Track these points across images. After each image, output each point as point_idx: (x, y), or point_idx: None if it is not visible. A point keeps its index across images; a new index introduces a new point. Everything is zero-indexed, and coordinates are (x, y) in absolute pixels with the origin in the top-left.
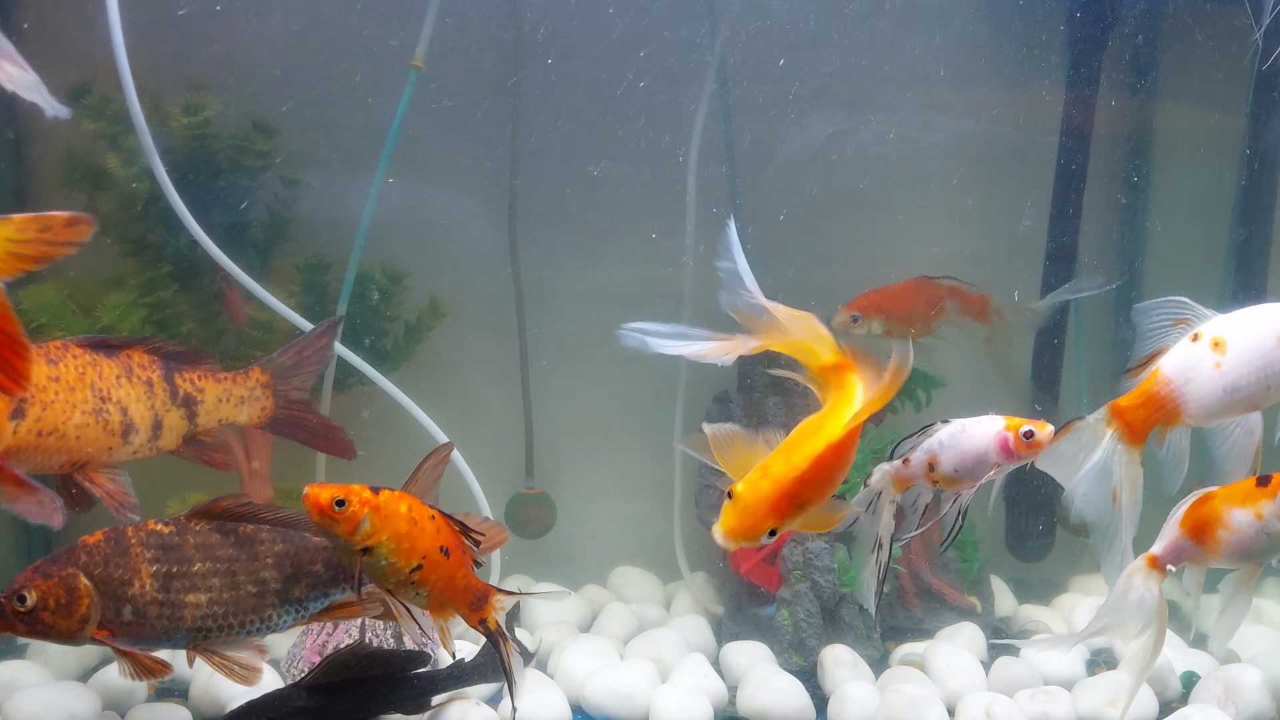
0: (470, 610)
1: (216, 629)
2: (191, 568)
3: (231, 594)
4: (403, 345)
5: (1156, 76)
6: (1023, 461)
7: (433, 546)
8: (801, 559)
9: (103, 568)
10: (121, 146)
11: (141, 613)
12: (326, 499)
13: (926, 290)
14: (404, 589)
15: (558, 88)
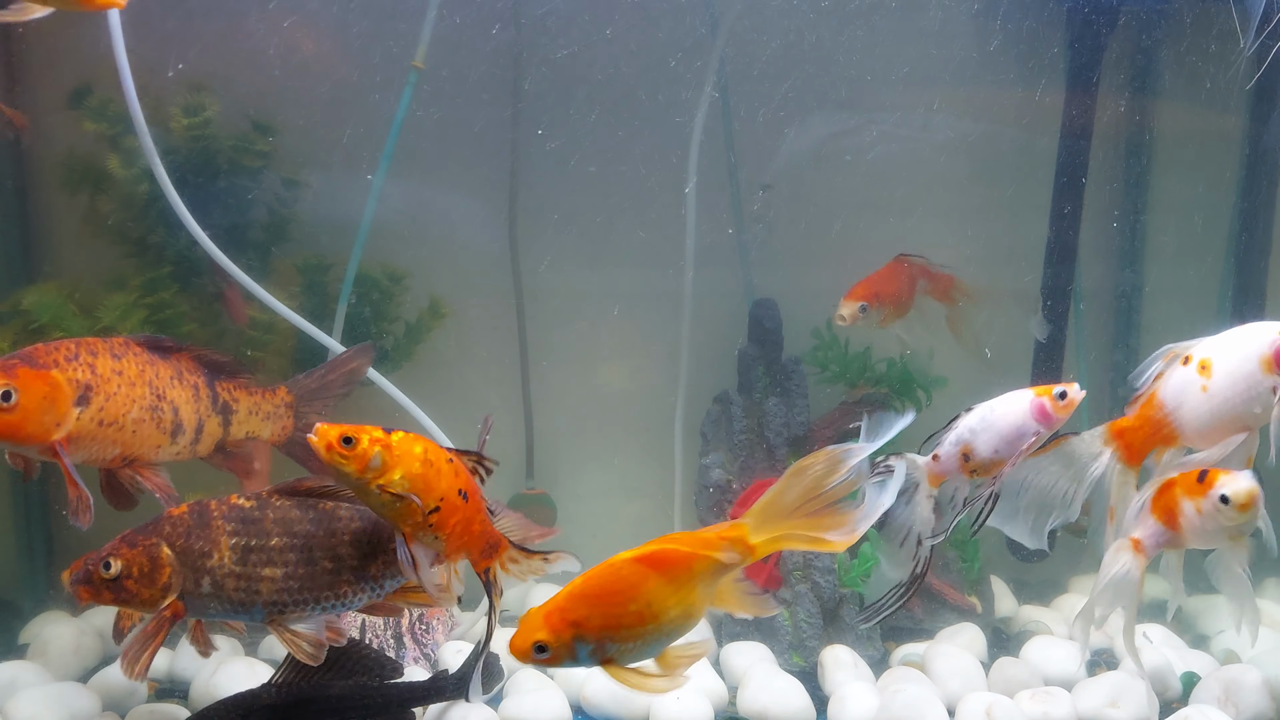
0: (481, 558)
1: (291, 603)
2: (269, 541)
3: (307, 569)
4: (403, 345)
5: (1156, 77)
6: (1059, 425)
7: (451, 489)
8: (801, 560)
9: (185, 539)
10: (121, 147)
11: (219, 584)
12: (335, 436)
13: (908, 270)
14: (421, 532)
15: (558, 88)
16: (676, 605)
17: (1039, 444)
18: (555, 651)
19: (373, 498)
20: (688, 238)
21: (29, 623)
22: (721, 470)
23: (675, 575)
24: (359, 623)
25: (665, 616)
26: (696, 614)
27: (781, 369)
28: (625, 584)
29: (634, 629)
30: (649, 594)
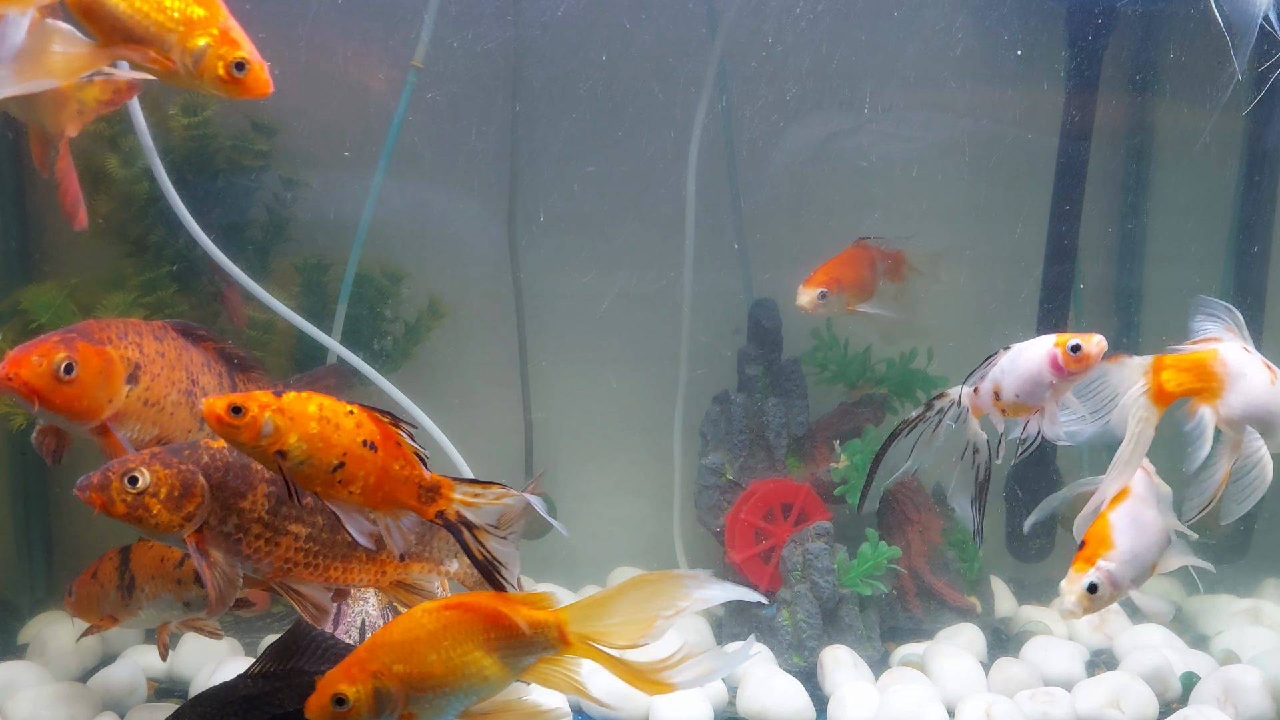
0: (422, 504)
1: (304, 565)
2: (303, 498)
3: (330, 535)
4: (402, 345)
5: (1156, 76)
6: (1074, 378)
7: (353, 442)
8: (801, 560)
9: (223, 474)
10: (121, 147)
11: (245, 528)
12: (223, 407)
13: (867, 254)
14: (334, 490)
15: (558, 88)
16: (475, 663)
17: (1060, 393)
18: (355, 704)
19: (273, 464)
20: (687, 238)
21: (28, 623)
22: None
23: (474, 632)
24: (359, 623)
25: (464, 671)
26: (496, 680)
27: (781, 369)
28: (425, 632)
29: (435, 679)
30: (449, 645)
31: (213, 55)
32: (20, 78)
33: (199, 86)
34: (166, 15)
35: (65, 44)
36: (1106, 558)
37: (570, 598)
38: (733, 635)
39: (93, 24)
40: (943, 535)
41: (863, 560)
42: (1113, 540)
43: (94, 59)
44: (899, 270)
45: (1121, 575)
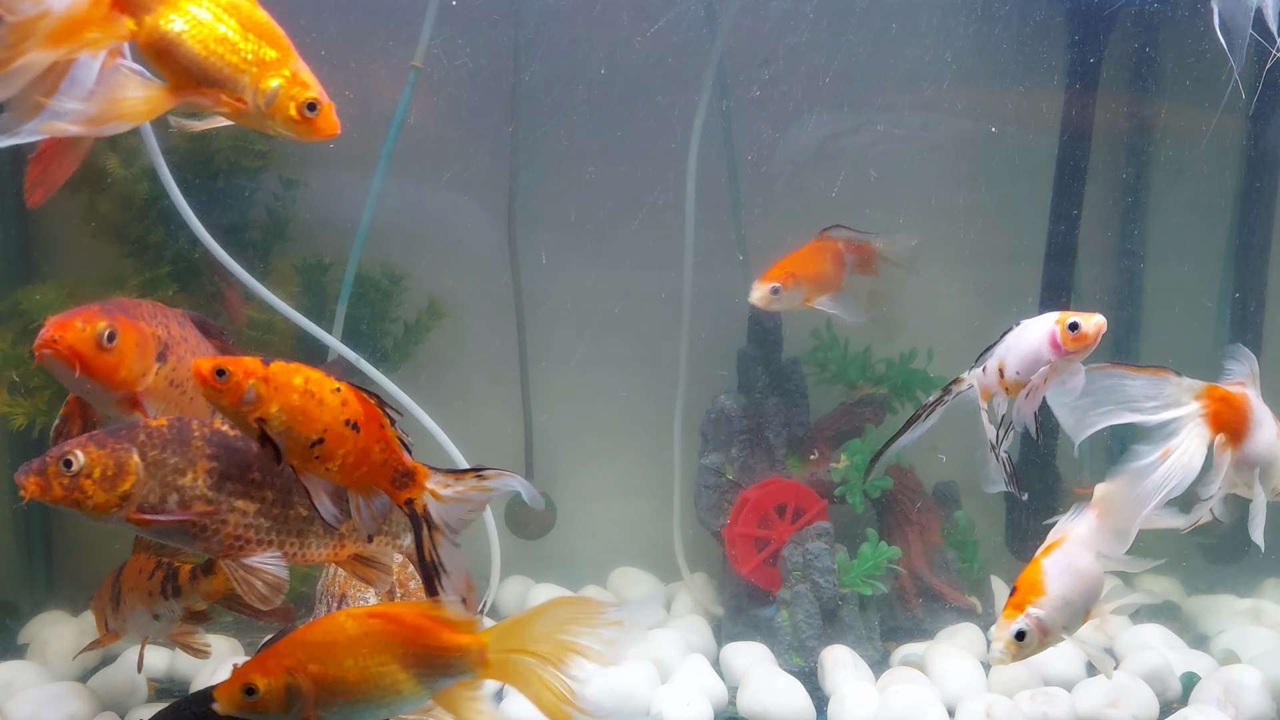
0: (395, 488)
1: (255, 542)
2: (249, 474)
3: (281, 511)
4: (402, 345)
5: (1156, 76)
6: (1072, 357)
7: (335, 420)
8: (801, 560)
9: (159, 451)
10: (121, 147)
11: (186, 506)
12: (209, 369)
13: (831, 247)
14: (310, 464)
15: (558, 88)
16: (390, 676)
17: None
18: (264, 697)
19: (253, 431)
20: (687, 238)
21: (28, 623)
22: (721, 470)
23: (394, 645)
24: None
25: (378, 683)
26: (409, 696)
27: (781, 369)
28: (346, 638)
29: (348, 685)
30: (367, 654)
31: (285, 96)
32: (94, 121)
33: (268, 127)
34: (240, 57)
35: (138, 87)
36: (1037, 604)
37: None
38: (732, 635)
39: (165, 67)
40: (943, 535)
41: (863, 560)
42: (1044, 587)
43: (166, 101)
44: (870, 264)
45: (1051, 622)
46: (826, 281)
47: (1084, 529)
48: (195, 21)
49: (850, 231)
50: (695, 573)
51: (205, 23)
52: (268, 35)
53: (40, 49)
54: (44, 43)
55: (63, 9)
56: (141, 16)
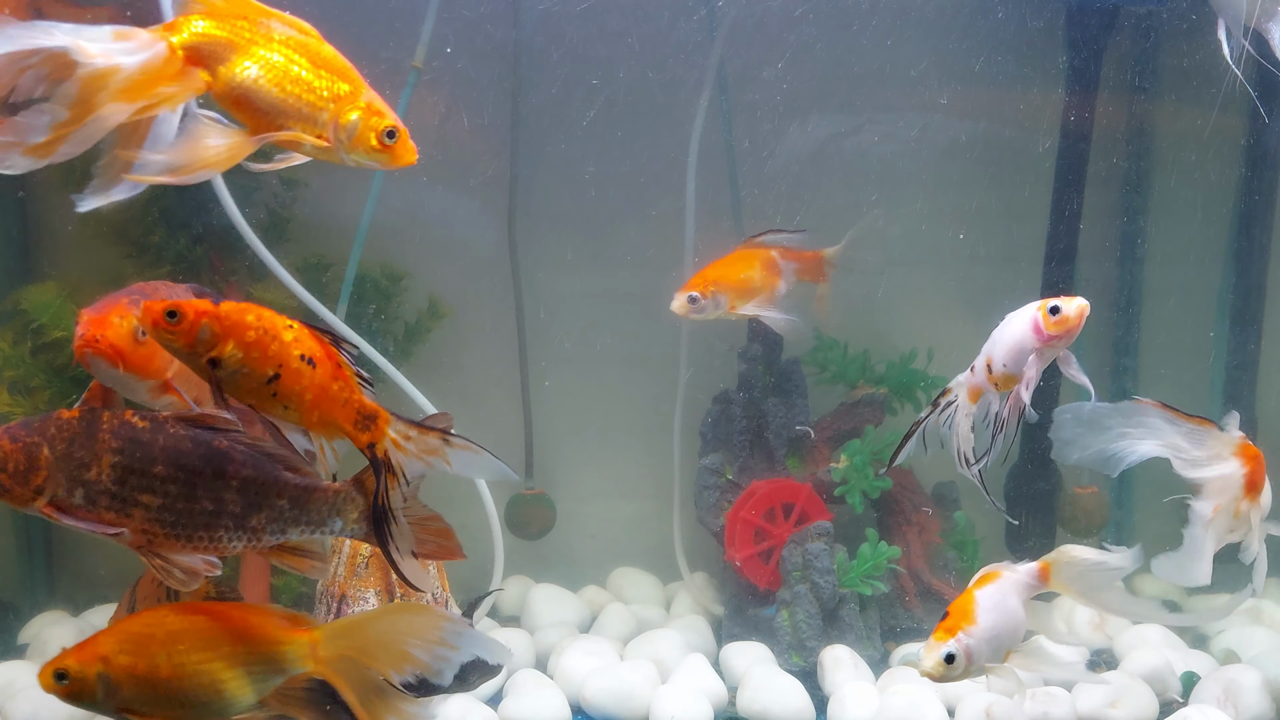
0: (357, 430)
1: (162, 535)
2: (153, 468)
3: (186, 505)
4: (402, 345)
5: (1156, 76)
6: (1056, 344)
7: (290, 355)
8: (801, 560)
9: (67, 445)
10: None
11: (92, 500)
12: (159, 311)
13: (761, 255)
14: (268, 404)
15: (558, 88)
16: (211, 674)
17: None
18: (74, 682)
19: (205, 373)
20: (687, 238)
21: (28, 623)
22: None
23: (218, 642)
24: None
25: (197, 680)
26: (236, 695)
27: (781, 369)
28: (164, 632)
29: (162, 681)
30: (185, 650)
31: (365, 127)
32: (179, 172)
33: (349, 160)
34: (317, 94)
35: (219, 135)
36: (967, 631)
37: (570, 598)
38: (732, 635)
39: (243, 113)
40: (942, 535)
41: (863, 560)
42: (975, 617)
43: (247, 146)
44: (819, 270)
45: (978, 651)
46: (750, 289)
47: (1023, 575)
48: (269, 65)
49: (783, 236)
50: (695, 573)
51: (279, 65)
52: (338, 70)
53: (113, 104)
54: (116, 98)
55: (134, 65)
56: (215, 68)
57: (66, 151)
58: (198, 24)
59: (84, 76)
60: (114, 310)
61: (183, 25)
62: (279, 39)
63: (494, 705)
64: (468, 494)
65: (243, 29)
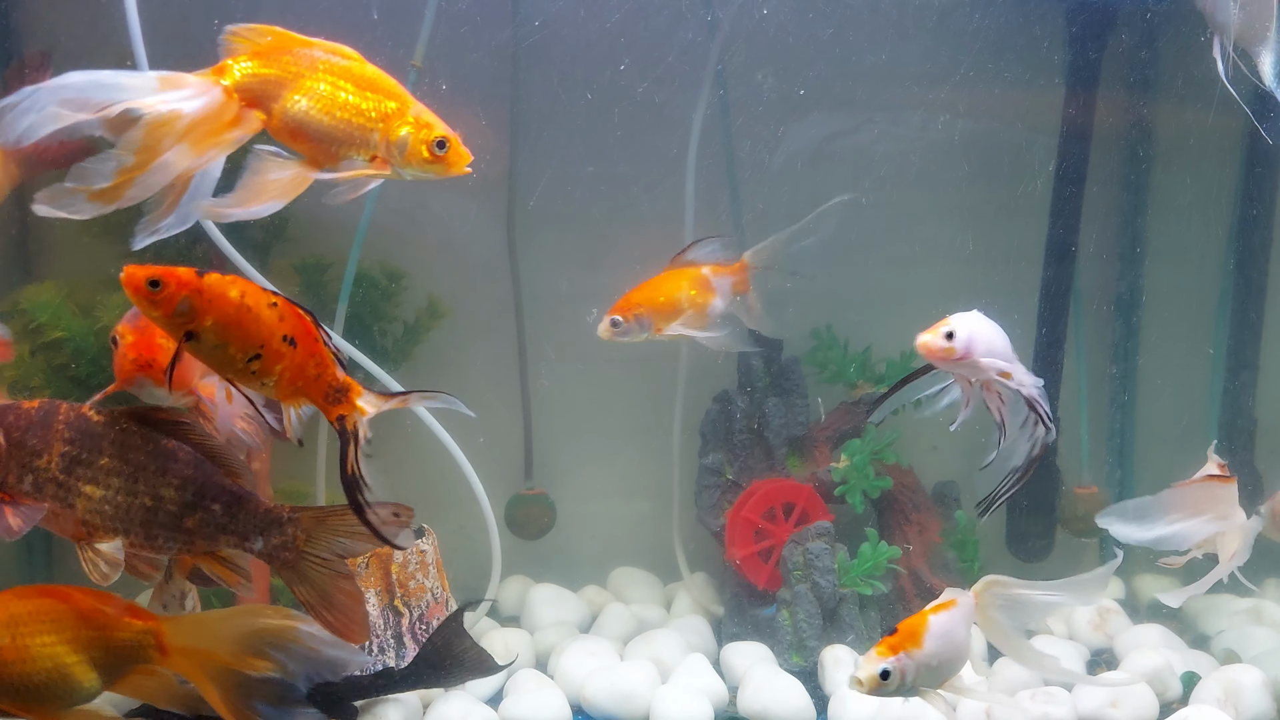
0: (327, 404)
1: (100, 528)
2: (99, 460)
3: (126, 499)
4: (401, 345)
5: (1157, 76)
6: (941, 364)
7: (272, 335)
8: (802, 559)
9: (22, 433)
10: None
11: (40, 488)
12: (141, 278)
13: (688, 273)
14: (246, 378)
15: (558, 88)
16: (54, 657)
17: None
18: None
19: (179, 342)
20: (687, 237)
21: None
22: (721, 470)
23: (62, 625)
24: None
25: (39, 664)
26: (81, 681)
27: (781, 369)
28: (6, 615)
29: (5, 664)
30: (28, 633)
31: (415, 141)
32: (245, 206)
33: (406, 175)
34: (366, 116)
35: (280, 168)
36: (910, 653)
37: (570, 598)
38: (732, 635)
39: (299, 143)
40: (942, 535)
41: (863, 560)
42: (922, 641)
43: (307, 176)
44: (744, 281)
45: (915, 674)
46: (676, 310)
47: (969, 603)
48: (317, 95)
49: (711, 246)
50: (695, 573)
51: (326, 94)
52: (383, 89)
53: (177, 149)
54: (179, 140)
55: (195, 110)
56: (269, 105)
57: (132, 196)
58: (245, 64)
59: (149, 124)
60: (154, 332)
61: (231, 67)
62: (323, 67)
63: (494, 705)
64: (467, 494)
65: (288, 63)
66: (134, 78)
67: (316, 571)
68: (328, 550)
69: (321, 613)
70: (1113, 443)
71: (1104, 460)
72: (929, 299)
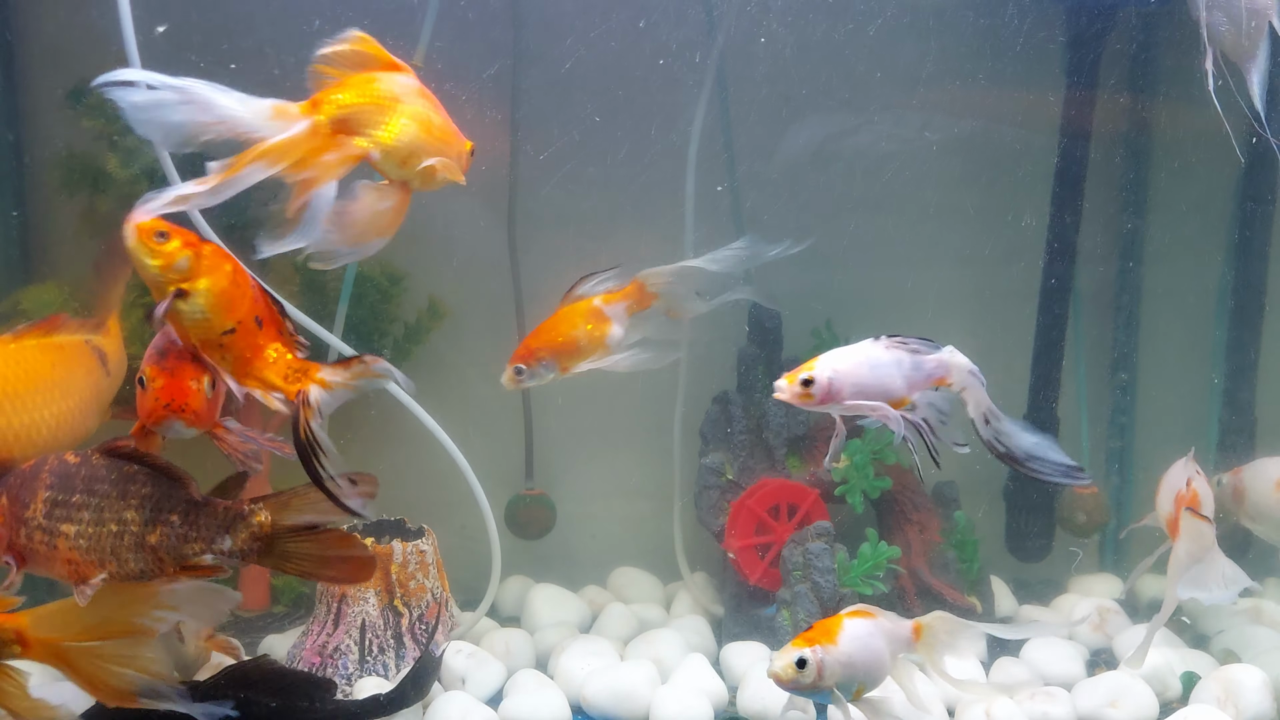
0: (288, 383)
1: (83, 563)
2: (72, 498)
3: (95, 529)
4: (402, 346)
5: (1157, 76)
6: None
7: (249, 314)
8: (801, 559)
9: (16, 490)
10: (120, 147)
11: (31, 537)
12: (149, 227)
13: (582, 308)
14: (213, 350)
15: (558, 88)
16: None
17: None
18: None
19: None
20: (687, 237)
21: None
22: (721, 470)
23: None
24: (359, 623)
25: None
26: None
27: (782, 369)
28: None
29: None
30: None
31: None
32: (359, 242)
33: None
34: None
35: (383, 197)
36: (825, 648)
37: (570, 598)
38: (733, 635)
39: (397, 165)
40: (942, 535)
41: (863, 560)
42: (837, 639)
43: (406, 198)
44: (645, 298)
45: (829, 671)
46: (576, 348)
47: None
48: (414, 116)
49: (600, 280)
50: (695, 572)
51: (421, 115)
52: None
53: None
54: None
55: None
56: (367, 131)
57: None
58: (338, 96)
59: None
60: (188, 374)
61: (324, 100)
62: (400, 90)
63: (494, 705)
64: (466, 495)
65: (375, 90)
66: (252, 101)
67: (296, 546)
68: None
69: (321, 576)
70: (1112, 443)
71: (1104, 460)
72: (929, 299)
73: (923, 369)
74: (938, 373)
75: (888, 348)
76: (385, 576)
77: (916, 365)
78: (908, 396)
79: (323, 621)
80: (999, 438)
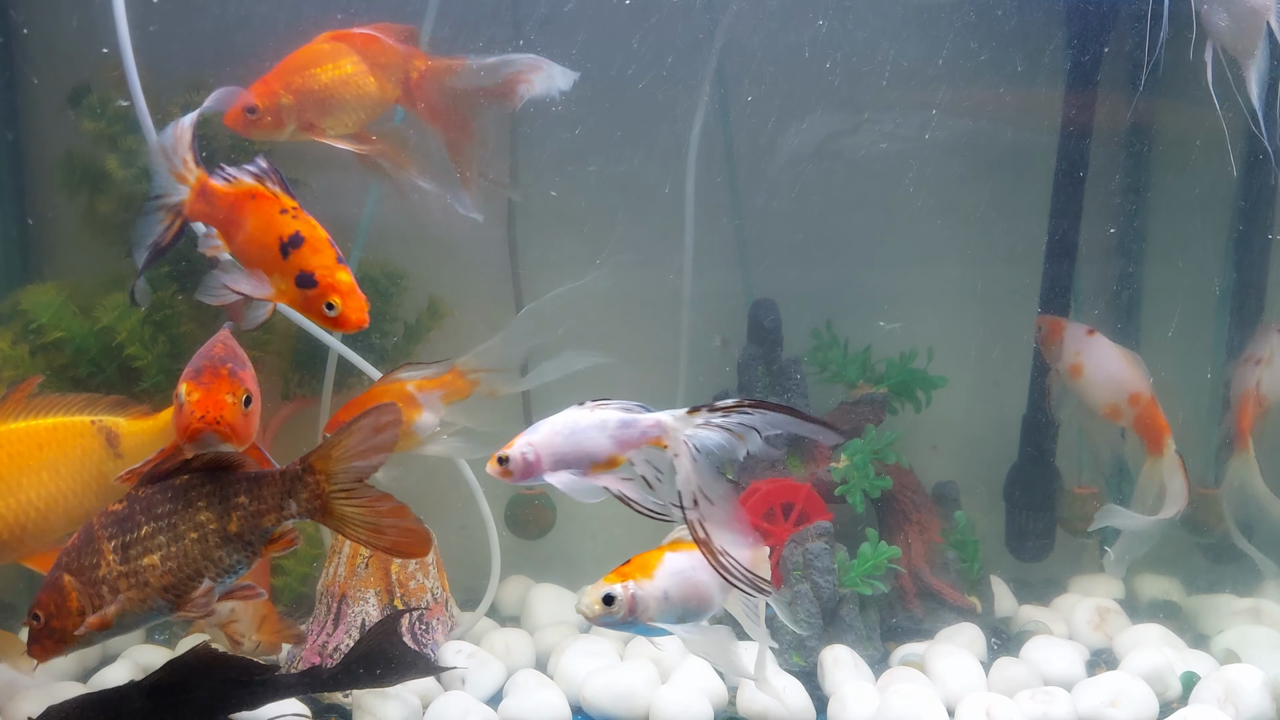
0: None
1: (178, 584)
2: (140, 532)
3: (177, 545)
4: (402, 345)
5: (1157, 76)
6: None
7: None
8: (801, 559)
9: (78, 559)
10: (120, 147)
11: (114, 588)
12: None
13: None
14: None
15: None
16: None
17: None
18: None
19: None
20: (687, 237)
21: None
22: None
23: None
24: (359, 623)
25: None
26: None
27: (781, 369)
28: None
29: None
30: None
31: None
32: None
33: None
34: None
35: None
36: (639, 583)
37: (570, 598)
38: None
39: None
40: (943, 535)
41: (863, 560)
42: (654, 573)
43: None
44: (464, 386)
45: (643, 606)
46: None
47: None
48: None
49: (417, 370)
50: None
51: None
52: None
53: None
54: None
55: None
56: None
57: None
58: None
59: None
60: (225, 388)
61: None
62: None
63: (494, 705)
64: (466, 495)
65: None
66: None
67: (353, 508)
68: (347, 479)
69: (379, 544)
70: None
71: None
72: (929, 299)
73: (635, 427)
74: (653, 432)
75: (592, 409)
76: (385, 576)
77: (626, 424)
78: (620, 455)
79: (323, 622)
80: (702, 522)
